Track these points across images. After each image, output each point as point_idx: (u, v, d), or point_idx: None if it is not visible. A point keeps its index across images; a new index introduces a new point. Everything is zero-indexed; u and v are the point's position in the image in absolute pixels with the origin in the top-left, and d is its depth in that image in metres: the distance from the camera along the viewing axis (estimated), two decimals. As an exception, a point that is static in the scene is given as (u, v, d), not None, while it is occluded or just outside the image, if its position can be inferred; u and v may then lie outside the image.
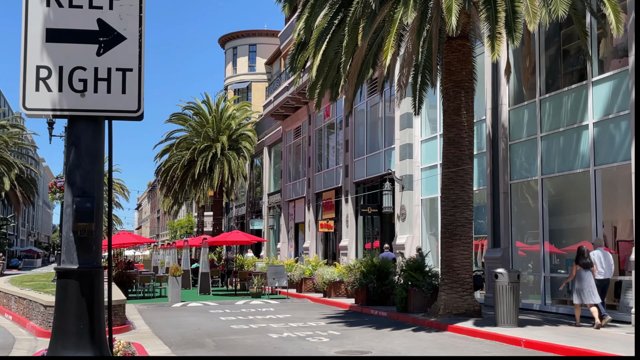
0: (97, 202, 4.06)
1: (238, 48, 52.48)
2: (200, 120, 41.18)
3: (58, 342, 3.98)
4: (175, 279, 22.78)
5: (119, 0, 4.23)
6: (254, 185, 46.15)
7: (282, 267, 25.25)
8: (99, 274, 4.10)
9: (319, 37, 16.59)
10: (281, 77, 37.89)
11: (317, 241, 33.12)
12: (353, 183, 28.84)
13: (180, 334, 14.33)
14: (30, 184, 54.58)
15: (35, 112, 4.13)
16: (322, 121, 33.18)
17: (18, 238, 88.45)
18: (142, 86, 4.29)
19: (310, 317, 17.56)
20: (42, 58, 4.14)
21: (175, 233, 66.59)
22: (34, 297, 15.66)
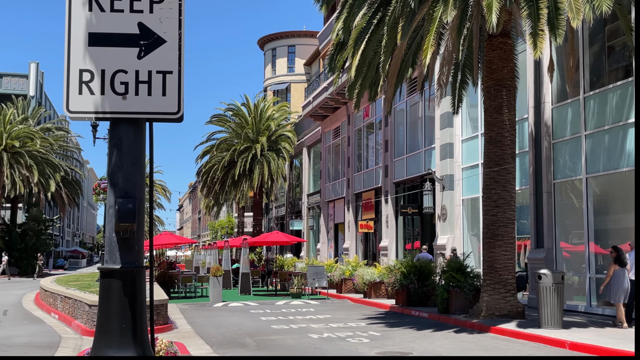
0: (139, 202, 4.11)
1: (277, 49, 52.75)
2: (240, 122, 41.50)
3: (101, 340, 4.04)
4: (217, 279, 22.99)
5: (159, 4, 4.28)
6: (293, 186, 46.32)
7: (322, 268, 25.27)
8: (141, 273, 4.15)
9: (357, 37, 16.56)
10: (320, 77, 37.94)
11: (357, 242, 33.07)
12: (393, 183, 28.71)
13: (221, 333, 14.45)
14: (75, 185, 55.72)
15: (78, 115, 4.21)
16: (362, 121, 33.11)
17: (63, 239, 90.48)
18: (182, 88, 4.33)
19: (350, 317, 17.53)
20: (84, 62, 4.22)
21: (216, 234, 67.26)
22: (79, 297, 15.97)
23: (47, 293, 20.64)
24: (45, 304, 20.58)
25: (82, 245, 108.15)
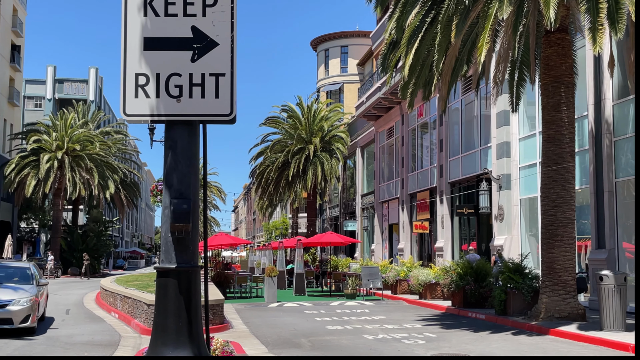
0: (193, 203, 4.17)
1: (330, 50, 52.83)
2: (294, 123, 41.70)
3: (158, 338, 4.11)
4: (271, 279, 23.16)
5: (211, 7, 4.34)
6: (347, 187, 46.28)
7: (377, 269, 25.16)
8: (196, 273, 4.21)
9: (410, 35, 16.44)
10: (373, 77, 37.80)
11: (412, 242, 32.81)
12: (448, 183, 28.37)
13: (276, 333, 14.53)
14: (133, 187, 57.02)
15: (134, 118, 4.30)
16: (416, 121, 32.84)
17: (123, 240, 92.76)
18: (235, 90, 4.37)
19: (405, 318, 17.40)
20: (140, 66, 4.31)
21: (270, 234, 67.80)
22: (138, 296, 16.29)
23: (107, 293, 21.14)
24: (106, 303, 21.08)
25: (141, 246, 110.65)
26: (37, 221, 60.18)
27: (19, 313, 13.51)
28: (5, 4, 51.95)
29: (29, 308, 13.72)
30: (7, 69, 52.86)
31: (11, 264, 17.51)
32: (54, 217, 50.34)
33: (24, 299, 13.83)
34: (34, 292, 14.43)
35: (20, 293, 14.11)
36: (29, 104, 69.27)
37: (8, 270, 16.09)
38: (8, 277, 15.52)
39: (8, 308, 13.50)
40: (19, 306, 13.61)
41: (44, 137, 48.19)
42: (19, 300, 13.71)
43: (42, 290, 15.50)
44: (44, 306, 16.08)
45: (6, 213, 53.63)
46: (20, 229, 59.94)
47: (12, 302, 13.57)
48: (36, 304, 14.10)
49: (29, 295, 14.02)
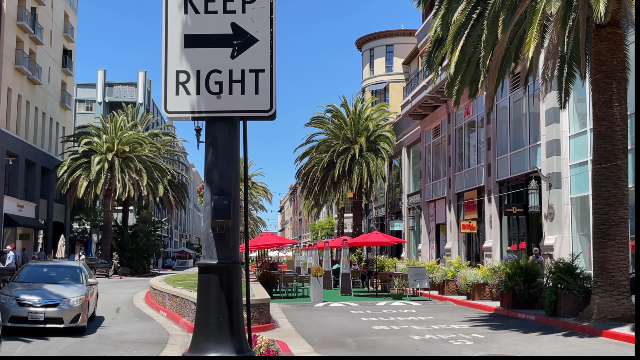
0: (234, 199, 4.18)
1: (375, 49, 52.64)
2: (339, 123, 41.65)
3: (200, 333, 4.14)
4: (317, 279, 23.17)
5: (251, 4, 4.34)
6: (393, 187, 46.02)
7: (424, 269, 24.92)
8: (237, 269, 4.22)
9: (456, 32, 16.24)
10: (419, 76, 37.49)
11: (459, 242, 32.42)
12: (496, 182, 27.92)
13: (322, 333, 14.52)
14: (181, 188, 57.84)
15: (175, 115, 4.33)
16: (462, 119, 32.43)
17: (171, 240, 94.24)
18: (274, 86, 4.37)
19: (453, 319, 17.19)
20: (181, 63, 4.34)
21: (316, 234, 67.93)
22: (186, 295, 16.50)
23: (156, 292, 21.47)
24: (155, 302, 21.41)
25: (189, 246, 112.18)
26: (88, 222, 61.58)
27: (69, 312, 13.59)
28: (57, 9, 53.38)
29: (79, 307, 13.79)
30: (59, 74, 54.29)
31: (61, 263, 17.60)
32: (105, 217, 51.43)
33: (74, 298, 13.90)
34: (83, 291, 14.49)
35: (70, 292, 14.19)
36: (80, 107, 71.03)
37: (58, 269, 16.18)
38: (59, 276, 15.60)
39: (58, 307, 13.57)
40: (69, 306, 13.69)
41: (94, 140, 49.28)
42: (69, 299, 13.79)
43: (92, 290, 15.54)
44: (94, 305, 16.14)
45: (59, 214, 55.08)
46: (72, 229, 61.47)
47: (62, 302, 13.66)
48: (86, 303, 14.17)
49: (78, 295, 14.10)
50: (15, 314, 13.34)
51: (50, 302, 13.59)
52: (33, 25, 46.47)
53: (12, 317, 13.28)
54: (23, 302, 13.50)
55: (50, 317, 13.46)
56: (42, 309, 13.44)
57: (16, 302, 13.50)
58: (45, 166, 50.80)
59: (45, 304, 13.52)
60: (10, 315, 13.26)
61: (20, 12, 44.48)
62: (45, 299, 13.63)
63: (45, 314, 13.42)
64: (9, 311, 13.30)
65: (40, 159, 49.70)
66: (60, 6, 54.11)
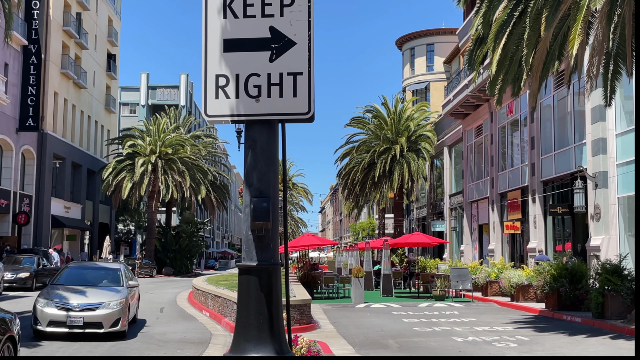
0: (273, 201, 4.21)
1: (415, 48, 52.32)
2: (379, 123, 41.50)
3: (240, 334, 4.17)
4: (358, 280, 23.14)
5: (289, 7, 4.36)
6: (434, 187, 45.66)
7: (466, 270, 24.66)
8: (276, 270, 4.24)
9: (498, 30, 16.02)
10: (460, 75, 37.12)
11: (503, 243, 31.97)
12: (540, 182, 27.46)
13: (363, 334, 14.49)
14: (223, 189, 58.38)
15: (215, 119, 4.38)
16: (505, 118, 31.98)
17: (213, 240, 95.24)
18: (312, 89, 4.38)
19: (496, 321, 16.98)
20: (220, 67, 4.39)
21: (357, 235, 67.83)
22: (228, 295, 16.65)
23: (199, 292, 21.71)
24: (197, 302, 21.65)
25: (231, 246, 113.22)
26: (133, 223, 62.67)
27: (108, 316, 13.09)
28: (101, 14, 54.49)
29: (119, 311, 13.28)
30: (103, 78, 55.41)
31: (102, 265, 16.86)
32: (149, 218, 52.26)
33: (114, 301, 13.36)
34: (124, 294, 13.94)
35: (109, 296, 13.65)
36: (124, 110, 72.41)
37: (98, 272, 15.55)
38: (98, 278, 15.01)
39: (98, 312, 13.06)
40: (109, 309, 13.17)
41: (138, 142, 50.12)
42: (108, 303, 13.25)
43: (132, 292, 14.99)
44: (135, 308, 15.57)
45: (104, 215, 56.20)
46: (117, 230, 62.65)
47: (101, 305, 13.16)
48: (126, 306, 13.64)
49: (118, 298, 13.55)
50: (54, 318, 12.84)
51: (90, 306, 13.10)
52: (78, 30, 47.54)
53: (51, 322, 12.82)
54: (61, 305, 12.99)
55: (90, 322, 12.94)
56: (81, 313, 12.92)
57: (55, 305, 12.99)
58: (91, 168, 51.91)
59: (84, 308, 13.04)
60: (48, 320, 12.83)
61: (66, 17, 45.57)
62: (84, 303, 13.14)
63: (84, 318, 12.90)
64: (47, 315, 12.86)
65: (86, 161, 50.81)
66: (104, 11, 55.22)
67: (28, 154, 41.15)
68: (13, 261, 28.34)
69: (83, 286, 14.28)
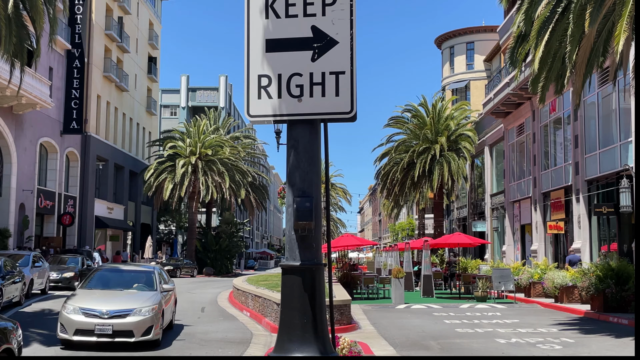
0: (316, 201, 4.18)
1: (455, 47, 51.81)
2: (418, 123, 41.22)
3: (284, 334, 4.16)
4: (398, 280, 23.00)
5: (331, 6, 4.34)
6: (475, 186, 45.13)
7: (508, 271, 24.30)
8: (319, 270, 4.22)
9: (540, 27, 15.75)
10: (501, 73, 36.62)
11: (546, 243, 31.42)
12: (584, 181, 26.90)
13: (404, 335, 14.39)
14: (262, 190, 58.70)
15: (258, 119, 4.38)
16: (548, 116, 31.43)
17: (253, 241, 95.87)
18: (355, 88, 4.35)
19: (540, 323, 16.69)
20: (262, 67, 4.39)
21: (396, 235, 67.49)
22: (268, 296, 16.71)
23: (239, 292, 21.85)
24: (238, 302, 21.79)
25: (270, 247, 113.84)
26: (174, 223, 63.45)
27: (140, 324, 12.00)
28: (142, 18, 55.34)
29: (151, 318, 12.19)
30: (145, 80, 56.26)
31: (135, 267, 15.61)
32: (189, 219, 52.84)
33: (146, 307, 12.27)
34: (157, 299, 12.89)
35: (141, 301, 12.57)
36: (165, 112, 73.41)
37: (131, 274, 14.38)
38: (131, 282, 13.91)
39: (128, 319, 11.98)
40: (140, 316, 12.08)
41: (178, 144, 50.74)
42: (140, 309, 12.16)
43: (167, 296, 14.00)
44: (171, 313, 14.55)
45: (146, 216, 57.05)
46: (159, 230, 63.52)
47: (132, 312, 12.06)
48: (160, 312, 12.60)
49: (150, 304, 12.48)
50: (81, 326, 11.79)
51: (120, 313, 12.01)
52: (120, 34, 48.37)
53: (78, 330, 11.80)
54: (89, 312, 11.94)
55: (119, 330, 11.86)
56: (110, 321, 11.85)
57: (82, 312, 11.94)
58: (133, 170, 52.76)
59: (113, 315, 11.94)
60: (75, 328, 11.81)
61: (108, 21, 46.40)
62: (113, 309, 12.05)
63: (113, 326, 11.82)
64: (74, 323, 11.83)
65: (128, 163, 51.66)
66: (145, 15, 56.07)
67: (72, 156, 42.01)
68: (58, 261, 28.96)
69: (114, 290, 13.42)
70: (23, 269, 21.50)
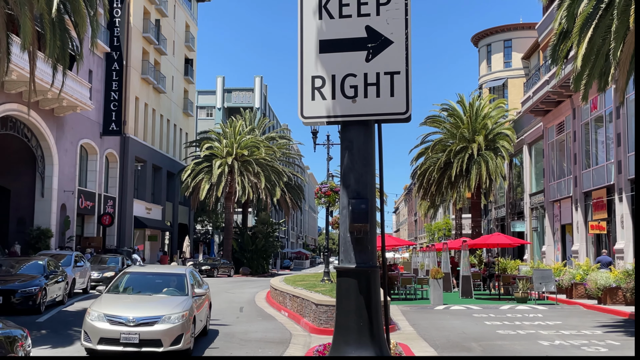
0: (371, 203, 4.15)
1: (492, 45, 51.22)
2: (455, 122, 40.83)
3: (340, 337, 4.13)
4: (437, 281, 22.81)
5: (385, 5, 4.29)
6: (513, 186, 44.54)
7: (550, 272, 23.91)
8: (375, 273, 4.18)
9: (583, 24, 15.47)
10: (540, 70, 36.06)
11: (587, 244, 30.84)
12: (627, 180, 26.32)
13: (444, 336, 14.26)
14: (297, 190, 58.80)
15: (311, 120, 4.36)
16: (589, 114, 30.84)
17: (288, 241, 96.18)
18: (410, 88, 4.30)
19: (583, 325, 16.39)
20: (316, 69, 4.36)
21: (432, 236, 67.00)
22: (306, 296, 16.72)
23: (277, 292, 21.90)
24: (275, 302, 21.84)
25: (305, 247, 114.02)
26: (210, 223, 63.96)
27: (168, 332, 11.05)
28: (179, 21, 55.93)
29: (181, 326, 11.24)
30: (181, 82, 56.85)
31: (165, 270, 14.70)
32: (226, 219, 53.21)
33: (175, 314, 11.31)
34: (187, 305, 11.89)
35: (171, 307, 11.60)
36: (201, 113, 74.08)
37: (160, 278, 13.53)
38: (160, 286, 13.03)
39: (156, 327, 11.03)
40: (169, 324, 11.13)
41: (215, 144, 51.12)
42: (169, 316, 11.21)
43: (200, 301, 13.11)
44: (204, 318, 13.75)
45: (184, 216, 57.65)
46: (195, 230, 64.11)
47: (160, 319, 11.12)
48: (191, 319, 11.69)
49: (180, 310, 11.51)
50: (105, 334, 10.93)
51: (147, 320, 11.08)
52: (157, 36, 48.97)
53: (102, 339, 10.94)
54: (114, 319, 11.06)
55: (147, 339, 10.93)
56: (136, 329, 10.92)
57: (107, 319, 11.08)
58: (170, 170, 53.37)
59: (140, 322, 11.02)
60: (99, 336, 10.96)
61: (146, 24, 47.01)
62: (140, 316, 11.13)
63: (140, 335, 10.88)
64: (98, 330, 10.99)
65: (166, 163, 52.26)
66: (181, 17, 56.66)
67: (111, 157, 42.66)
68: (99, 261, 29.44)
69: (141, 295, 12.62)
70: (65, 269, 21.92)
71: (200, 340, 13.12)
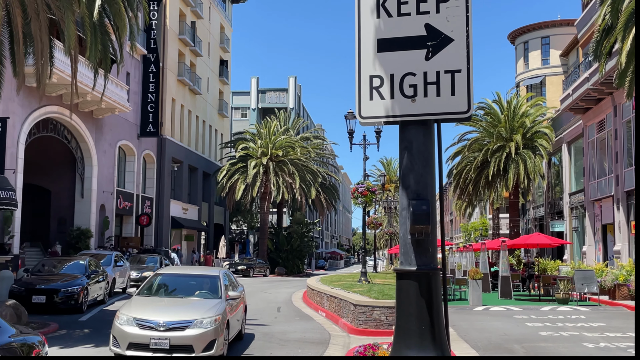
0: (432, 204, 4.09)
1: (529, 42, 50.52)
2: (492, 120, 40.34)
3: (401, 341, 4.09)
4: (476, 282, 22.59)
5: (445, 3, 4.23)
6: (552, 185, 43.85)
7: (592, 272, 23.48)
8: (436, 275, 4.13)
9: (627, 19, 15.16)
10: (580, 67, 35.43)
11: (630, 244, 30.18)
12: (671, 179, 25.70)
13: (486, 338, 14.10)
14: (332, 190, 58.77)
15: (369, 120, 4.32)
16: (631, 112, 30.19)
17: (322, 241, 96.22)
18: (471, 86, 4.22)
19: (628, 326, 16.04)
20: (374, 68, 4.32)
21: (469, 236, 66.35)
22: (344, 296, 16.67)
23: (314, 292, 21.89)
24: (312, 302, 21.84)
25: (339, 247, 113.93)
26: (245, 223, 64.31)
27: (200, 338, 10.55)
28: (214, 22, 56.35)
29: (213, 331, 10.74)
30: (216, 83, 57.27)
31: (198, 272, 14.22)
32: (261, 219, 53.46)
33: (207, 318, 10.81)
34: (220, 308, 11.37)
35: (203, 311, 11.08)
36: (236, 114, 74.53)
37: (193, 280, 13.01)
38: (192, 288, 12.50)
39: (187, 332, 10.54)
40: (201, 328, 10.63)
41: (250, 145, 51.39)
42: (201, 320, 10.73)
43: (234, 304, 12.61)
44: (240, 322, 13.27)
45: (219, 216, 58.08)
46: (231, 230, 64.52)
47: (192, 324, 10.63)
48: (224, 323, 11.21)
49: (213, 314, 10.99)
50: (134, 339, 10.47)
51: (178, 324, 10.60)
52: (193, 38, 49.40)
53: (131, 344, 10.49)
54: (144, 323, 10.60)
55: (177, 345, 10.44)
56: (166, 334, 10.45)
57: (136, 323, 10.63)
58: (206, 171, 53.82)
59: (171, 327, 10.53)
60: (128, 341, 10.51)
61: (182, 26, 47.47)
62: (171, 320, 10.66)
63: (170, 340, 10.41)
64: (127, 335, 10.54)
65: (202, 164, 52.71)
66: (216, 19, 57.08)
67: (149, 158, 43.18)
68: (138, 261, 29.80)
69: (173, 298, 12.15)
70: (106, 269, 22.23)
71: (234, 345, 12.68)
